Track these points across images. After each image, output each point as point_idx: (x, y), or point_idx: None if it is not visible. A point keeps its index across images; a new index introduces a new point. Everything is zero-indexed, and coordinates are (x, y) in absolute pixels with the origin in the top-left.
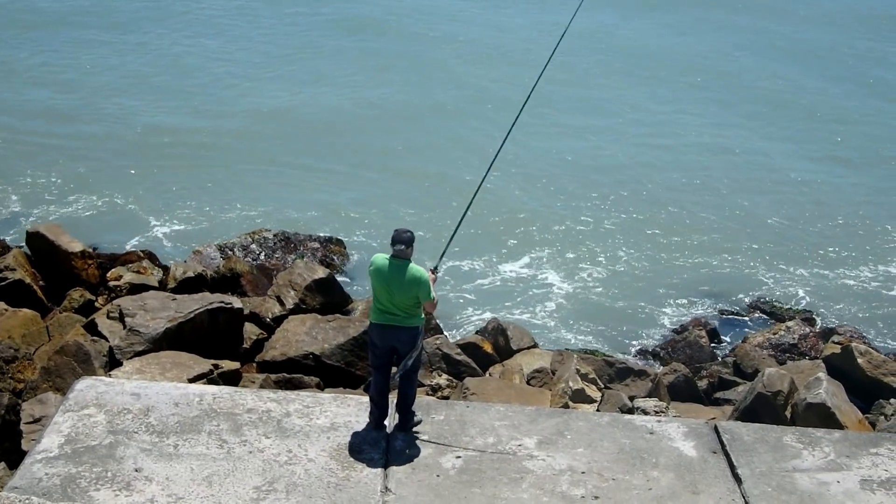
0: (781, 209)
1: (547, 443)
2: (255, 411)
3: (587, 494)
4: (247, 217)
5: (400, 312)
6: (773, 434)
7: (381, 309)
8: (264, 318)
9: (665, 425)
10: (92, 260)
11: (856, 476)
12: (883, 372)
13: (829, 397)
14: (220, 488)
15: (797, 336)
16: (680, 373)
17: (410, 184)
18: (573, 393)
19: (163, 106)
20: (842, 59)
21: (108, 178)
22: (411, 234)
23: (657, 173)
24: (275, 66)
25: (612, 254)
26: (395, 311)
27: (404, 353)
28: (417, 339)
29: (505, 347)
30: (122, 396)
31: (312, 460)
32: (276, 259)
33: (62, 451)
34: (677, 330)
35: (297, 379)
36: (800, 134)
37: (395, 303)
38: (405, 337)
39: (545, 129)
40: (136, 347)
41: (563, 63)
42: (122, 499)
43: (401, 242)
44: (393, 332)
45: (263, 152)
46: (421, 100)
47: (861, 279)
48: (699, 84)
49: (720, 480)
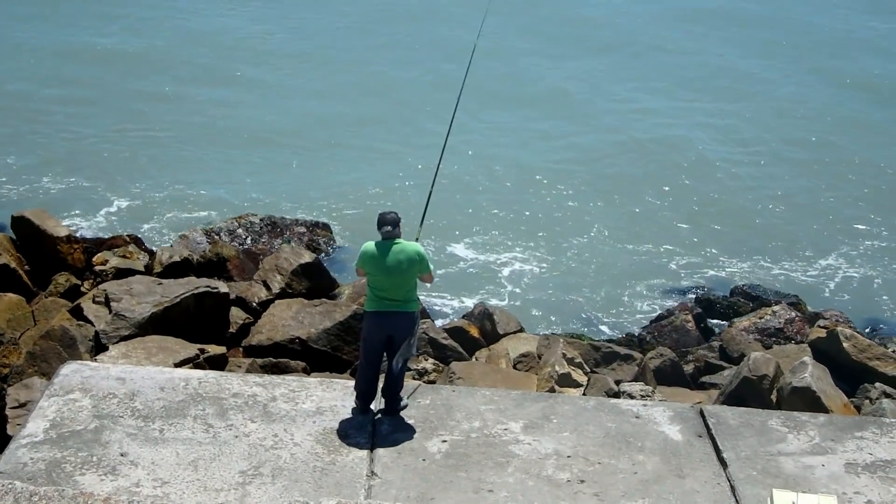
0: (769, 193)
1: (533, 427)
2: (241, 396)
3: (573, 478)
4: (233, 201)
5: (399, 297)
6: (758, 418)
7: (381, 296)
8: (251, 303)
9: (651, 409)
10: (77, 244)
11: (841, 459)
12: (868, 356)
13: (815, 381)
14: (206, 472)
15: (783, 320)
16: (666, 357)
17: (398, 167)
18: (559, 377)
19: (147, 86)
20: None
21: (92, 161)
22: (396, 214)
23: (641, 157)
24: (266, 47)
25: (599, 239)
26: (395, 296)
27: (401, 339)
28: (415, 325)
29: (491, 332)
30: (108, 381)
31: (298, 444)
32: (263, 243)
33: (47, 436)
34: (664, 315)
35: (283, 363)
36: (780, 118)
37: (395, 286)
38: (404, 322)
39: (522, 113)
40: (122, 332)
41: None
42: (108, 483)
43: (387, 224)
44: (392, 319)
45: (251, 136)
46: (408, 80)
47: (848, 263)
48: (672, 66)
49: (705, 464)
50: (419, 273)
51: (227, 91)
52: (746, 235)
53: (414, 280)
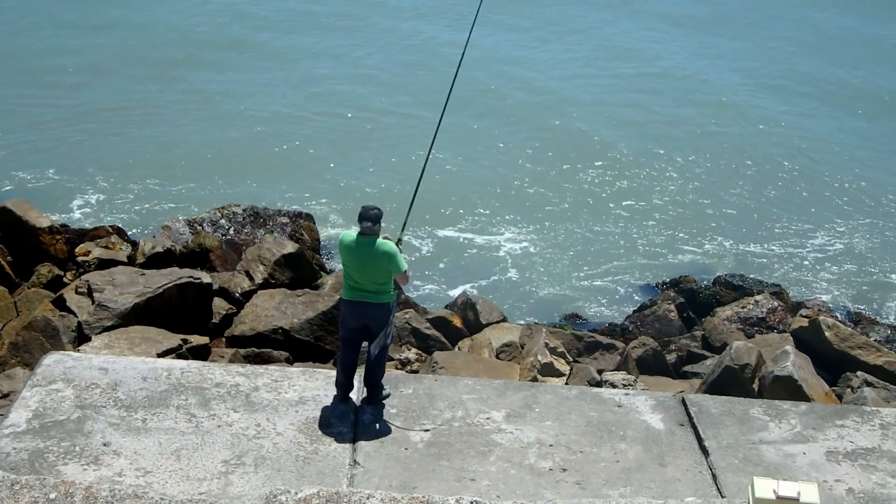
0: (752, 183)
1: (515, 416)
2: (224, 385)
3: (555, 467)
4: (216, 192)
5: (371, 289)
6: (739, 407)
7: (353, 286)
8: (233, 293)
9: (633, 398)
10: (60, 235)
11: (822, 448)
12: (850, 345)
13: (796, 370)
14: (189, 462)
15: (765, 310)
16: (649, 346)
17: (382, 158)
18: (542, 367)
19: (129, 77)
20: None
21: (74, 153)
22: (379, 210)
23: (625, 147)
24: (246, 35)
25: (582, 229)
26: (367, 287)
27: (377, 330)
28: (389, 315)
29: (474, 322)
30: (90, 371)
31: (281, 434)
32: (246, 234)
33: (30, 426)
34: (646, 304)
35: (266, 353)
36: (767, 105)
37: (367, 279)
38: (377, 313)
39: (505, 99)
40: (105, 322)
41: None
42: (91, 473)
43: (368, 220)
44: (365, 309)
45: (234, 127)
46: (392, 72)
47: (831, 253)
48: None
49: (687, 453)
50: (392, 272)
51: (211, 82)
52: (730, 226)
53: (386, 276)
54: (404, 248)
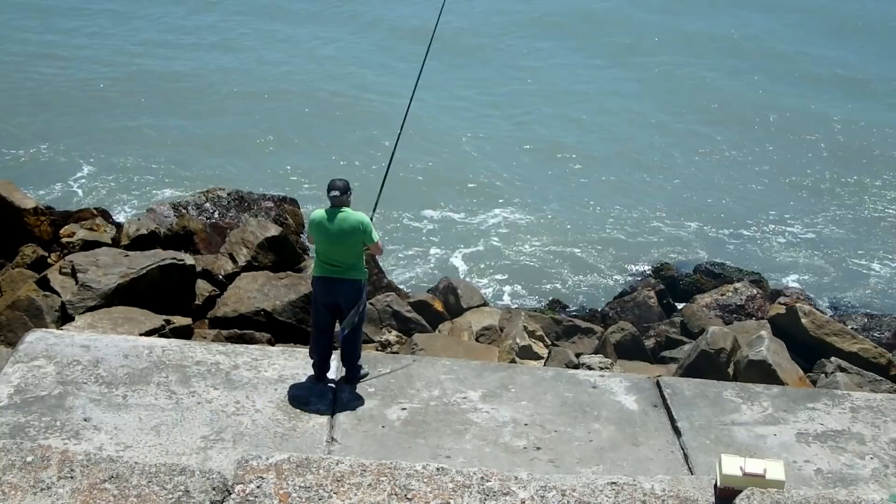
0: (733, 171)
1: (491, 396)
2: (204, 363)
3: (529, 445)
4: (201, 175)
5: (342, 263)
6: (713, 389)
7: (324, 262)
8: (217, 275)
9: (608, 380)
10: (45, 217)
11: (792, 429)
12: (826, 332)
13: (771, 355)
14: (168, 437)
15: (745, 297)
16: (627, 331)
17: (367, 142)
18: (520, 349)
19: (112, 61)
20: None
21: (59, 134)
22: (346, 181)
23: (605, 135)
24: (236, 22)
25: (564, 216)
26: (338, 262)
27: (348, 308)
28: (361, 293)
29: (455, 306)
30: (72, 348)
31: (260, 411)
32: (230, 217)
33: (11, 401)
34: (627, 291)
35: (248, 335)
36: (742, 98)
37: (340, 252)
38: (348, 290)
39: (488, 83)
40: (88, 303)
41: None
42: (71, 446)
43: (335, 189)
44: (336, 285)
45: (219, 110)
46: (378, 58)
47: (810, 242)
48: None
49: (660, 433)
50: (364, 243)
51: (197, 62)
52: (711, 215)
53: (359, 248)
54: (376, 225)
